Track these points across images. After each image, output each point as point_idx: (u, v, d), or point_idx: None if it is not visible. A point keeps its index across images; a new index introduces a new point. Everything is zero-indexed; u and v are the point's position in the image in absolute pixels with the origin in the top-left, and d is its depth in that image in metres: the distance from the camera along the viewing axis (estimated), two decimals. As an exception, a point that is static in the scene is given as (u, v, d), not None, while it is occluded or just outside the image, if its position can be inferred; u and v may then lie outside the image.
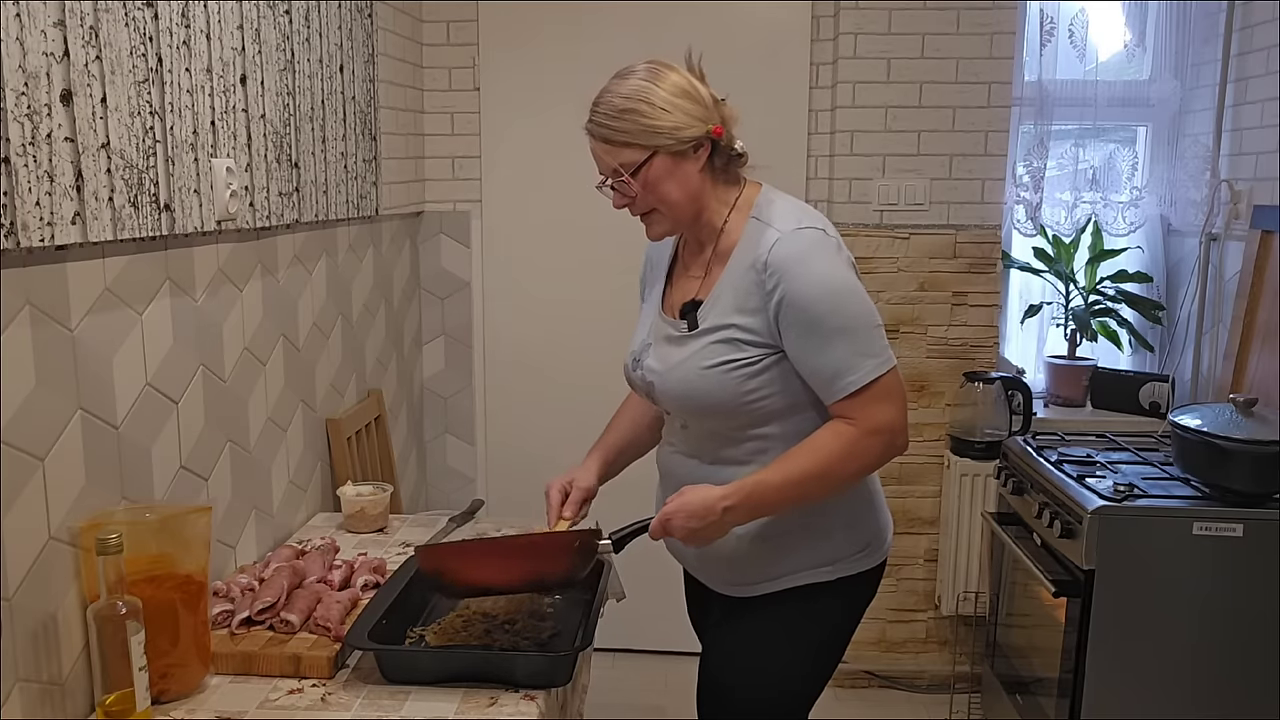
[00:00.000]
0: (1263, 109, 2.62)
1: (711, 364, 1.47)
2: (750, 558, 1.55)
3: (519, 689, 1.42)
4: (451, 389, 3.18)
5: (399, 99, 2.77)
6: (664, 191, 1.47)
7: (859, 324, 1.43)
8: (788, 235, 1.44)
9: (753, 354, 1.46)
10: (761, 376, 1.47)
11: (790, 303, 1.42)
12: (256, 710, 1.37)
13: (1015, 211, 2.99)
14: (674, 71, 1.47)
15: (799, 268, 1.42)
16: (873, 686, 3.07)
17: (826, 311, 1.41)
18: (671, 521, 1.44)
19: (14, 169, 1.17)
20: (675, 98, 1.44)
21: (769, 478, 1.43)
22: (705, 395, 1.49)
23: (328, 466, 2.27)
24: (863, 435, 1.43)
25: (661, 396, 1.56)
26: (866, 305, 1.45)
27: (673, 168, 1.45)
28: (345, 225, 2.39)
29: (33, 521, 1.26)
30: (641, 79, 1.45)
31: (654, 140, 1.43)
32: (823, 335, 1.42)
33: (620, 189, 1.48)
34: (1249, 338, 2.61)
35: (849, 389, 1.42)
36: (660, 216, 1.51)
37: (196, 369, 1.67)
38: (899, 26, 2.80)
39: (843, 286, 1.43)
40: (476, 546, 1.66)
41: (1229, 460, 2.06)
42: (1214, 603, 2.08)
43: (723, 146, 1.49)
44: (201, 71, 1.62)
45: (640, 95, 1.43)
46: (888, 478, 2.97)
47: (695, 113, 1.45)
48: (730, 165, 1.53)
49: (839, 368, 1.42)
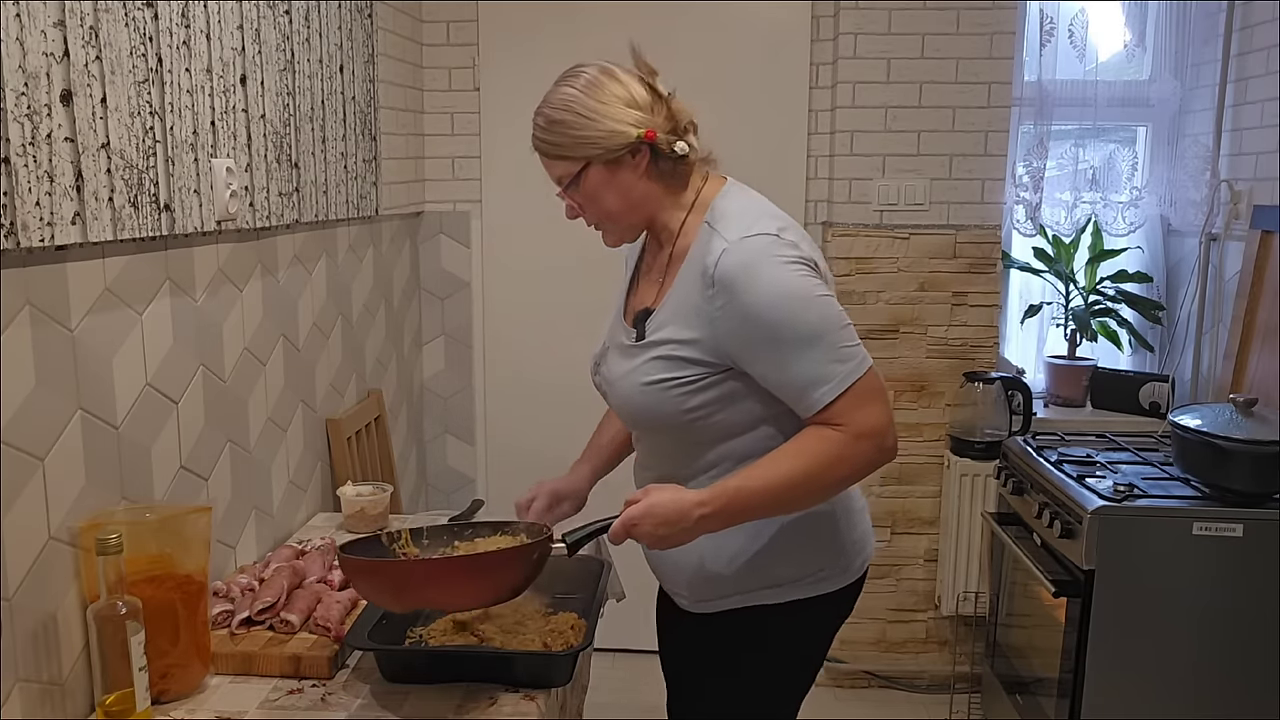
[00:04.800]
0: (1263, 109, 2.62)
1: (650, 380, 1.39)
2: (718, 574, 1.47)
3: (519, 689, 1.42)
4: (451, 389, 3.18)
5: (399, 99, 2.77)
6: (604, 201, 1.41)
7: (823, 329, 1.32)
8: (734, 245, 1.33)
9: (692, 373, 1.37)
10: (703, 395, 1.38)
11: (743, 319, 1.32)
12: (256, 710, 1.37)
13: (1015, 211, 2.99)
14: (611, 76, 1.40)
15: (747, 281, 1.31)
16: (873, 686, 3.07)
17: (783, 322, 1.31)
18: (638, 527, 1.31)
19: (14, 169, 1.17)
20: (603, 104, 1.36)
21: (750, 484, 1.32)
22: (645, 411, 1.42)
23: (328, 466, 2.27)
24: (851, 439, 1.31)
25: (612, 405, 1.52)
26: (828, 308, 1.33)
27: (609, 177, 1.39)
28: (345, 225, 2.39)
29: (33, 521, 1.26)
30: (571, 87, 1.38)
31: (584, 151, 1.37)
32: (785, 348, 1.31)
33: (566, 199, 1.45)
34: (1249, 338, 2.61)
35: (824, 400, 1.31)
36: (607, 226, 1.46)
37: (196, 369, 1.67)
38: (899, 26, 2.81)
39: (797, 293, 1.31)
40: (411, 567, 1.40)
41: (1229, 460, 2.06)
42: (1214, 603, 2.08)
43: (662, 150, 1.39)
44: (201, 71, 1.62)
45: (567, 105, 1.37)
46: (888, 478, 2.97)
47: (627, 118, 1.37)
48: (678, 168, 1.42)
49: (810, 379, 1.31)
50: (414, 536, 1.53)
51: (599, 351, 1.56)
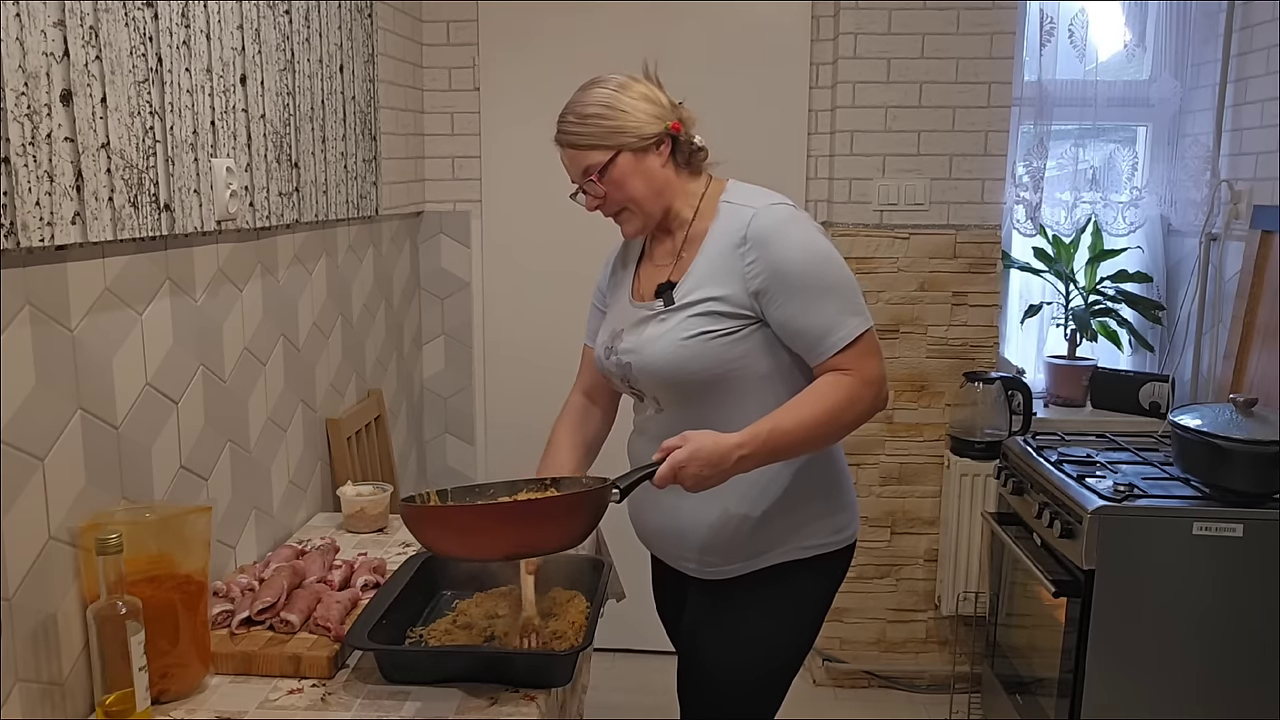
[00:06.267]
0: (1263, 109, 2.62)
1: (690, 334, 1.53)
2: (725, 541, 1.60)
3: (519, 689, 1.42)
4: (451, 389, 3.18)
5: (399, 99, 2.77)
6: (630, 188, 1.56)
7: (842, 284, 1.52)
8: (763, 210, 1.53)
9: (731, 325, 1.53)
10: (741, 345, 1.54)
11: (774, 270, 1.50)
12: (256, 710, 1.37)
13: (1015, 211, 2.99)
14: (635, 81, 1.59)
15: (779, 238, 1.51)
16: (873, 686, 3.07)
17: (811, 274, 1.50)
18: (685, 469, 1.40)
19: (14, 169, 1.18)
20: (636, 101, 1.56)
21: (782, 424, 1.46)
22: (686, 364, 1.54)
23: (328, 466, 2.27)
24: (859, 384, 1.51)
25: (640, 374, 1.59)
26: (844, 268, 1.54)
27: (636, 164, 1.56)
28: (345, 225, 2.39)
29: (33, 521, 1.26)
30: (604, 88, 1.57)
31: (617, 140, 1.54)
32: (809, 296, 1.50)
33: (590, 191, 1.58)
34: (1249, 338, 2.61)
35: (839, 344, 1.50)
36: (631, 214, 1.60)
37: (196, 369, 1.67)
38: (899, 26, 2.81)
39: (823, 251, 1.52)
40: (471, 513, 1.42)
41: (1229, 460, 2.06)
42: (1214, 603, 2.08)
43: (683, 141, 1.59)
44: (201, 71, 1.62)
45: (601, 102, 1.55)
46: (888, 478, 2.97)
47: (655, 112, 1.56)
48: (693, 159, 1.62)
49: (828, 325, 1.50)
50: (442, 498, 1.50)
51: (608, 337, 1.68)
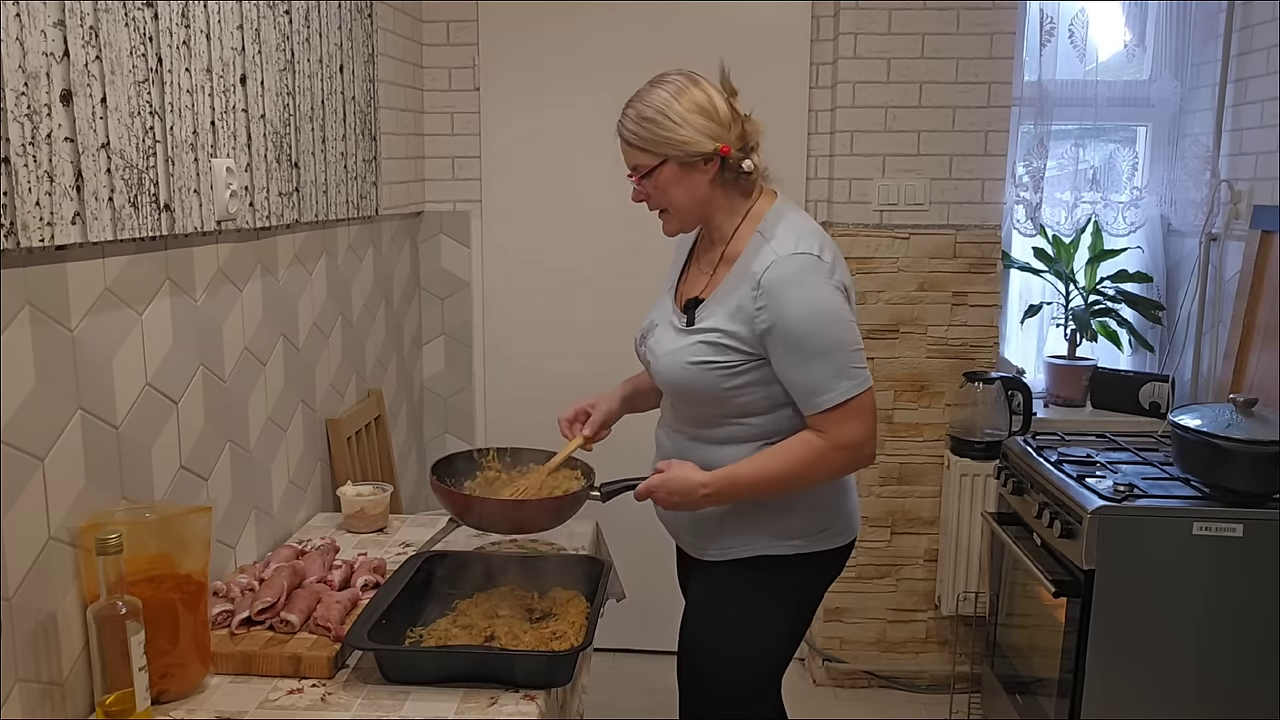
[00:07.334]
0: (1263, 109, 2.62)
1: (696, 361, 1.61)
2: (709, 527, 1.70)
3: (519, 689, 1.42)
4: (451, 389, 3.18)
5: (399, 99, 2.77)
6: (672, 195, 1.61)
7: (839, 348, 1.55)
8: (782, 259, 1.55)
9: (734, 359, 1.59)
10: (740, 379, 1.60)
11: (778, 324, 1.55)
12: (256, 710, 1.37)
13: (1015, 211, 2.99)
14: (700, 87, 1.59)
15: (788, 293, 1.54)
16: (873, 686, 3.07)
17: (810, 334, 1.54)
18: (656, 493, 1.63)
19: (14, 169, 1.17)
20: (692, 114, 1.56)
21: (745, 474, 1.59)
22: (688, 385, 1.64)
23: (328, 466, 2.27)
24: (830, 448, 1.57)
25: (655, 375, 1.72)
26: (849, 331, 1.57)
27: (681, 176, 1.59)
28: (345, 225, 2.39)
29: (33, 521, 1.26)
30: (667, 91, 1.57)
31: (665, 150, 1.57)
32: (805, 355, 1.55)
33: (637, 185, 1.63)
34: (1249, 338, 2.61)
35: (823, 406, 1.55)
36: (670, 216, 1.66)
37: (196, 369, 1.67)
38: (899, 26, 2.81)
39: (828, 313, 1.55)
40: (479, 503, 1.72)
41: (1229, 460, 2.06)
42: (1214, 603, 2.08)
43: (731, 164, 1.60)
44: (201, 71, 1.62)
45: (661, 108, 1.56)
46: (889, 478, 2.97)
47: (709, 130, 1.56)
48: (740, 180, 1.63)
49: (816, 385, 1.55)
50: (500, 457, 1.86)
51: (646, 325, 1.77)
